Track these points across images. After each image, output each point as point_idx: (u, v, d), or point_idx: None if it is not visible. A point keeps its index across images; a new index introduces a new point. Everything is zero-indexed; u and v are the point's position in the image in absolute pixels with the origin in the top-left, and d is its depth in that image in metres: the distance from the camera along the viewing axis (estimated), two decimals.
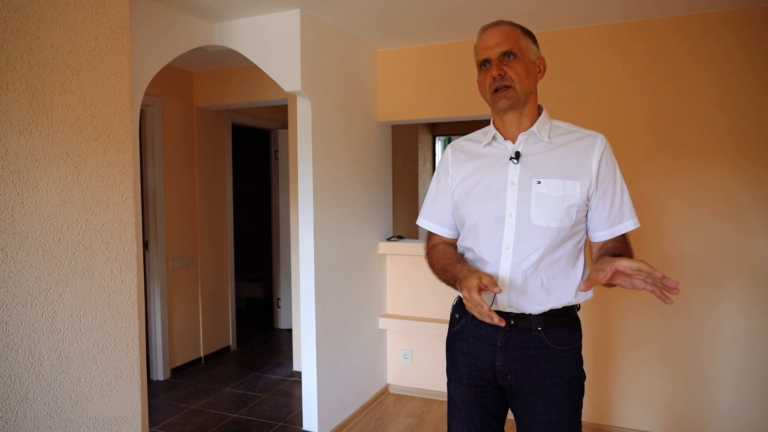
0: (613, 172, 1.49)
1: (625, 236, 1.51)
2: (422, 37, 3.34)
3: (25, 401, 1.51)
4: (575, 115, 3.11)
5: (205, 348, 4.51)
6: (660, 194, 2.97)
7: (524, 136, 1.50)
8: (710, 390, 2.93)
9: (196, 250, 4.42)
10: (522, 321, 1.48)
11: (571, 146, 1.48)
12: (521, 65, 1.45)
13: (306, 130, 2.95)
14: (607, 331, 3.11)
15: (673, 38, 2.91)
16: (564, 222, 1.44)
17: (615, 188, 1.49)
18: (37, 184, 1.53)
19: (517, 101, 1.46)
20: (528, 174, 1.47)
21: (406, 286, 3.73)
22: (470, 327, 1.56)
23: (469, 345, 1.57)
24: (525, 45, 1.48)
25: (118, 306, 1.77)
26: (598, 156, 1.46)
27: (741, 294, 2.84)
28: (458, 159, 1.61)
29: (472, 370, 1.56)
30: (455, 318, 1.64)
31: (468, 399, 1.58)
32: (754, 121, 2.79)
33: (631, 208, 1.51)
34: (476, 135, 1.63)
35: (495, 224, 1.48)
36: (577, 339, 1.53)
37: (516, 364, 1.49)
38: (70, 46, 1.61)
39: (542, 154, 1.48)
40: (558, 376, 1.49)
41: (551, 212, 1.44)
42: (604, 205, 1.48)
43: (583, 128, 1.53)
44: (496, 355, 1.51)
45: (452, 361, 1.64)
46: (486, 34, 1.49)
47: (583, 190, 1.45)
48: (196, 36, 2.86)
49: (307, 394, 3.03)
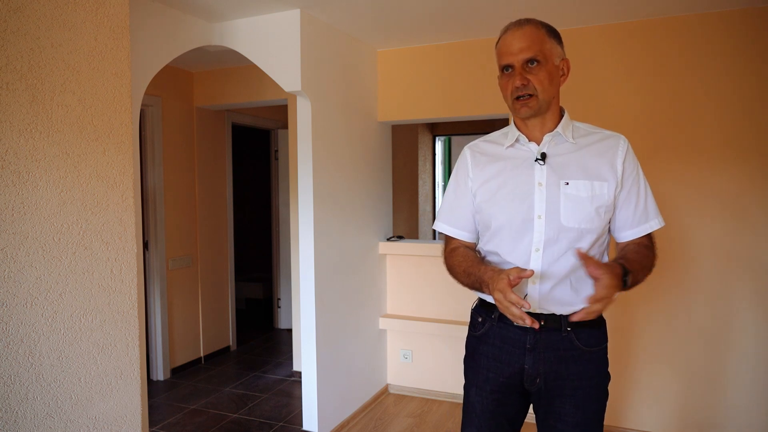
0: (636, 172, 1.49)
1: (649, 236, 1.51)
2: (422, 37, 3.34)
3: (25, 401, 1.51)
4: (575, 115, 3.10)
5: (205, 348, 4.51)
6: (661, 194, 2.97)
7: (549, 137, 1.49)
8: (718, 391, 2.92)
9: (196, 250, 4.42)
10: (552, 321, 1.46)
11: (595, 147, 1.48)
12: (545, 72, 1.43)
13: (306, 130, 2.94)
14: (616, 331, 3.10)
15: (673, 38, 2.91)
16: (593, 223, 1.44)
17: (639, 188, 1.49)
18: (37, 184, 1.53)
19: (539, 109, 1.45)
20: (555, 175, 1.45)
21: (406, 286, 3.73)
22: (496, 330, 1.53)
23: (495, 349, 1.53)
24: (549, 49, 1.45)
25: (118, 306, 1.77)
26: (622, 156, 1.47)
27: (747, 294, 2.84)
28: (479, 161, 1.57)
29: (498, 375, 1.53)
30: (478, 321, 1.60)
31: (489, 407, 1.55)
32: (754, 120, 2.79)
33: (655, 207, 1.51)
34: (496, 136, 1.60)
35: (523, 226, 1.46)
36: (605, 340, 1.53)
37: (546, 366, 1.47)
38: (70, 46, 1.61)
39: (568, 155, 1.47)
40: (586, 378, 1.48)
41: (581, 213, 1.43)
42: (629, 205, 1.48)
43: (604, 129, 1.53)
44: (525, 358, 1.48)
45: (474, 367, 1.59)
46: (510, 36, 1.46)
47: (611, 191, 1.45)
48: (196, 36, 2.86)
49: (307, 394, 3.03)
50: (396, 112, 3.63)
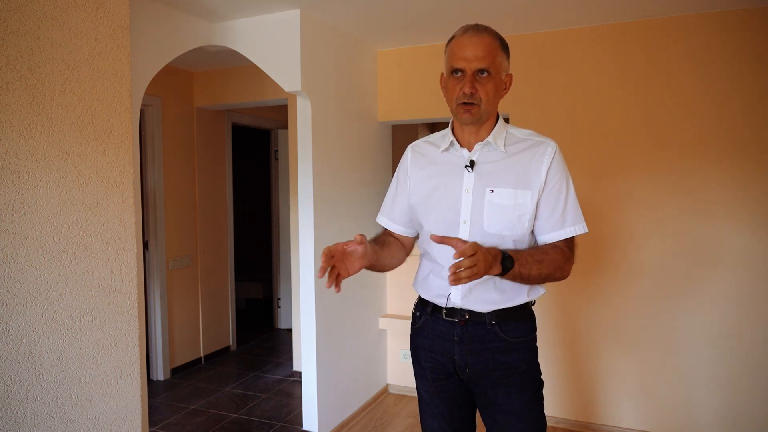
0: (559, 178, 1.50)
1: (567, 241, 1.52)
2: (422, 37, 3.34)
3: (25, 401, 1.51)
4: (570, 115, 3.11)
5: (205, 348, 4.51)
6: (653, 193, 2.97)
7: (480, 146, 1.52)
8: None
9: (196, 250, 4.42)
10: (476, 316, 1.53)
11: (523, 155, 1.51)
12: (492, 84, 1.47)
13: (306, 130, 2.95)
14: (596, 328, 3.10)
15: (668, 39, 2.91)
16: (516, 230, 1.48)
17: (559, 194, 1.50)
18: (37, 184, 1.53)
19: (479, 118, 1.49)
20: (482, 182, 1.50)
21: (406, 286, 3.73)
22: (429, 324, 1.61)
23: (429, 341, 1.61)
24: (500, 62, 1.48)
25: (118, 306, 1.77)
26: (547, 164, 1.49)
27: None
28: (417, 161, 1.64)
29: (434, 365, 1.61)
30: (416, 316, 1.68)
31: (435, 393, 1.63)
32: (749, 121, 2.79)
33: (575, 214, 1.52)
34: (435, 138, 1.65)
35: (450, 231, 1.52)
36: (532, 331, 1.59)
37: (473, 357, 1.54)
38: (70, 46, 1.61)
39: (496, 163, 1.51)
40: (515, 366, 1.53)
41: (503, 220, 1.48)
42: (546, 210, 1.50)
43: (538, 134, 1.55)
44: (455, 349, 1.56)
45: (416, 358, 1.68)
46: (467, 40, 1.46)
47: (534, 199, 1.48)
48: (196, 36, 2.86)
49: (307, 394, 3.03)
50: (396, 112, 3.63)
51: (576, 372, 3.13)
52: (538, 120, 3.17)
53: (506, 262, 1.39)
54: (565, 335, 3.17)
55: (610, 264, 3.08)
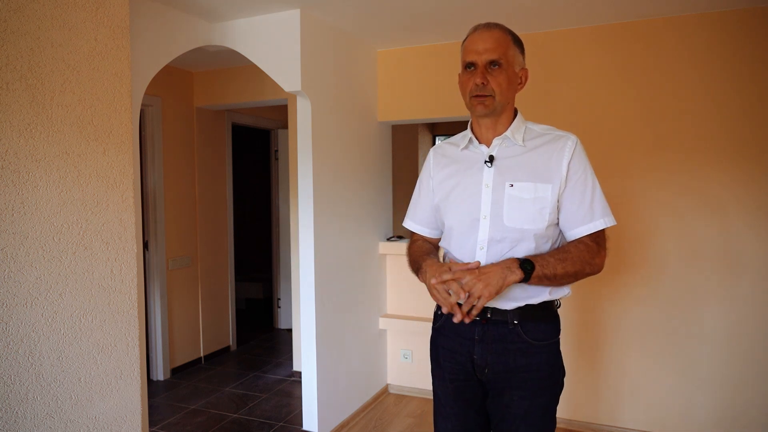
0: (582, 171, 1.50)
1: (594, 235, 1.51)
2: (422, 37, 3.34)
3: (25, 401, 1.51)
4: (570, 115, 3.11)
5: (205, 348, 4.51)
6: (655, 193, 2.97)
7: (498, 141, 1.54)
8: (698, 386, 2.93)
9: (196, 250, 4.42)
10: (498, 314, 1.52)
11: (543, 149, 1.52)
12: (504, 76, 1.48)
13: (306, 130, 2.95)
14: (595, 327, 3.11)
15: (668, 38, 2.91)
16: (536, 223, 1.48)
17: (585, 187, 1.50)
18: (37, 184, 1.53)
19: (493, 110, 1.50)
20: (501, 177, 1.51)
21: (406, 286, 3.73)
22: (450, 323, 1.59)
23: (450, 340, 1.61)
24: (512, 55, 1.50)
25: (118, 306, 1.77)
26: (568, 157, 1.49)
27: (728, 291, 2.84)
28: (439, 162, 1.67)
29: (454, 365, 1.59)
30: (437, 315, 1.68)
31: (451, 395, 1.62)
32: (750, 120, 2.79)
33: (603, 207, 1.51)
34: (456, 138, 1.67)
35: (470, 226, 1.53)
36: (555, 334, 1.57)
37: (493, 357, 1.52)
38: (70, 46, 1.61)
39: (515, 158, 1.52)
40: (534, 370, 1.52)
41: (523, 214, 1.48)
42: (572, 203, 1.49)
43: (557, 129, 1.55)
44: (474, 348, 1.54)
45: (435, 358, 1.67)
46: (477, 36, 1.50)
47: (554, 192, 1.48)
48: (196, 36, 2.86)
49: (307, 394, 3.03)
50: (396, 112, 3.63)
51: (576, 372, 3.13)
52: (539, 120, 3.14)
53: (526, 265, 1.40)
54: (564, 335, 3.17)
55: (610, 264, 3.08)
